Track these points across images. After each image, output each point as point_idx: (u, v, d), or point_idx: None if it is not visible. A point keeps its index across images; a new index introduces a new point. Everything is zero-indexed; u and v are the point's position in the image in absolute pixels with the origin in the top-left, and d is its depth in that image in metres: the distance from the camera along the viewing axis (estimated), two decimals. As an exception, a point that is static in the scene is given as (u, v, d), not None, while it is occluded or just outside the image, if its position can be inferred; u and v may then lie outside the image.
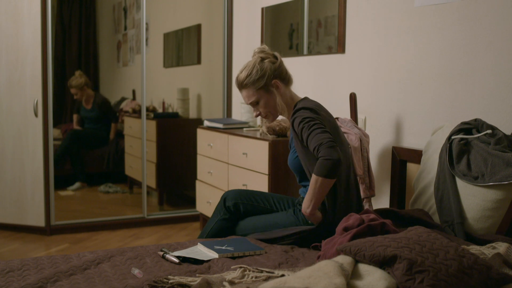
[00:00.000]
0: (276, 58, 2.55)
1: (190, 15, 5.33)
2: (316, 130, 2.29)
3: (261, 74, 2.49)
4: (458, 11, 2.71)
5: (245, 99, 2.58)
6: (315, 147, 2.26)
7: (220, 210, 2.66)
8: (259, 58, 2.53)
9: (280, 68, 2.54)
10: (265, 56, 2.53)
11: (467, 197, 2.31)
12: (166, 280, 1.83)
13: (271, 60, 2.53)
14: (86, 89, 5.45)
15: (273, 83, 2.50)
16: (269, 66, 2.50)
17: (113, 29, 5.89)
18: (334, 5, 3.56)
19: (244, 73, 2.52)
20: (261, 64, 2.50)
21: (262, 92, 2.51)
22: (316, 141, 2.26)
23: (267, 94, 2.52)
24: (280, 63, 2.54)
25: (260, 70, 2.49)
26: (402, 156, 2.96)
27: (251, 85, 2.51)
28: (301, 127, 2.35)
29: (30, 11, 4.20)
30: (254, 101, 2.55)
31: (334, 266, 1.61)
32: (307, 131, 2.32)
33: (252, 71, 2.50)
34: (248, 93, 2.54)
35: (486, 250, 1.96)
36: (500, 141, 2.29)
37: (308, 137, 2.31)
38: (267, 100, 2.52)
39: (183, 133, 5.15)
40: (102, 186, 5.48)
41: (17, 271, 1.98)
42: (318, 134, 2.28)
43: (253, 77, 2.49)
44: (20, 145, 4.31)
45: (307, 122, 2.34)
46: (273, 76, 2.50)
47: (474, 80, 2.65)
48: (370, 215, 2.08)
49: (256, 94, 2.52)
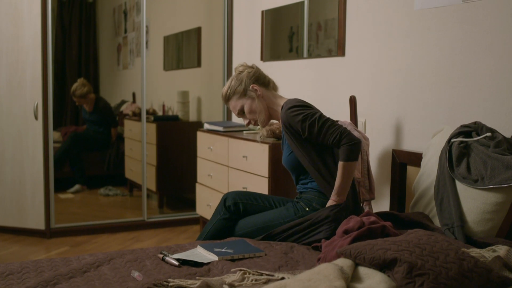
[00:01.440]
0: (252, 67, 2.75)
1: (190, 18, 5.34)
2: (327, 123, 2.48)
3: (239, 83, 2.70)
4: (458, 14, 2.71)
5: (233, 111, 2.77)
6: (335, 137, 2.45)
7: (220, 210, 2.70)
8: (238, 72, 2.75)
9: (257, 74, 2.72)
10: (243, 69, 2.74)
11: (467, 200, 2.31)
12: (166, 283, 1.83)
13: (248, 70, 2.73)
14: (89, 96, 5.45)
15: (252, 88, 2.68)
16: (245, 74, 2.71)
17: (113, 32, 5.90)
18: (334, 8, 3.56)
19: (225, 87, 2.74)
20: (239, 75, 2.72)
21: (243, 98, 2.70)
22: (333, 132, 2.46)
23: (248, 100, 2.69)
24: (256, 70, 2.74)
25: (238, 80, 2.70)
26: (402, 159, 2.96)
27: (233, 95, 2.71)
28: (308, 123, 2.48)
29: (31, 14, 4.21)
30: (240, 110, 2.72)
31: (334, 269, 1.61)
32: (317, 125, 2.47)
33: (232, 83, 2.72)
34: (232, 103, 2.73)
35: (486, 253, 1.96)
36: (500, 144, 2.29)
37: (321, 131, 2.47)
38: (250, 105, 2.69)
39: (183, 136, 5.15)
40: (102, 189, 5.47)
41: (17, 274, 1.98)
42: (331, 126, 2.48)
43: (232, 87, 2.71)
44: (20, 148, 4.31)
45: (312, 117, 2.49)
46: (250, 81, 2.69)
47: (473, 83, 2.65)
48: (370, 217, 2.08)
49: (239, 102, 2.71)
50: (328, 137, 2.47)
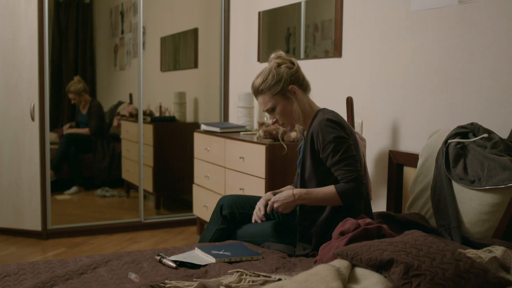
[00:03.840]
0: (293, 63, 2.47)
1: (187, 19, 5.34)
2: (350, 159, 2.32)
3: (278, 79, 2.39)
4: (455, 15, 2.72)
5: (261, 105, 2.48)
6: (345, 176, 2.30)
7: (217, 219, 2.65)
8: (275, 64, 2.44)
9: (298, 73, 2.45)
10: (282, 62, 2.45)
11: (464, 201, 2.31)
12: (163, 284, 1.83)
13: (288, 66, 2.44)
14: (84, 94, 5.46)
15: (290, 89, 2.41)
16: (285, 71, 2.41)
17: (110, 33, 5.89)
18: (330, 9, 3.56)
19: (260, 79, 2.43)
20: (278, 69, 2.41)
21: (279, 98, 2.41)
22: (348, 170, 2.30)
23: (284, 100, 2.42)
24: (297, 68, 2.46)
25: (277, 75, 2.40)
26: (399, 160, 2.96)
27: (267, 90, 2.41)
28: (332, 147, 2.31)
29: (27, 15, 4.20)
30: (270, 108, 2.44)
31: (331, 270, 1.61)
32: (339, 155, 2.31)
33: (268, 77, 2.41)
34: (264, 99, 2.44)
35: (483, 254, 1.97)
36: (497, 145, 2.30)
37: (338, 162, 2.31)
38: (284, 106, 2.42)
39: (180, 137, 5.14)
40: (99, 190, 5.46)
41: (13, 276, 1.98)
42: (351, 164, 2.31)
43: (269, 82, 2.40)
44: (17, 149, 4.31)
45: (340, 144, 2.32)
46: (290, 82, 2.41)
47: (470, 84, 2.66)
48: (366, 219, 2.08)
49: (272, 100, 2.42)
50: (340, 171, 2.31)
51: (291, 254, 2.36)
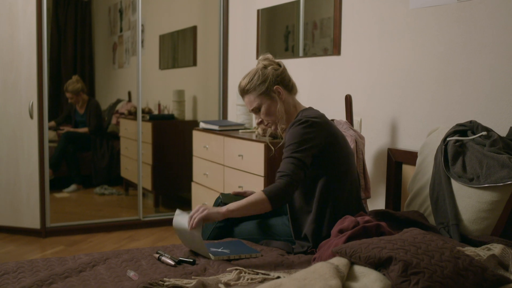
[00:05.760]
0: (279, 65, 2.52)
1: (186, 17, 5.33)
2: (300, 160, 2.29)
3: (263, 80, 2.44)
4: (454, 13, 2.72)
5: (247, 105, 2.52)
6: (285, 172, 2.27)
7: None
8: (262, 65, 2.49)
9: (283, 74, 2.49)
10: (269, 64, 2.49)
11: (463, 199, 2.31)
12: (161, 282, 1.83)
13: (274, 67, 2.48)
14: (82, 94, 5.46)
15: (275, 89, 2.45)
16: (271, 72, 2.46)
17: (109, 30, 5.89)
18: (329, 7, 3.56)
19: (246, 79, 2.49)
20: (264, 70, 2.47)
21: (264, 97, 2.46)
22: (284, 163, 2.29)
23: (269, 100, 2.46)
24: (283, 70, 2.50)
25: (262, 76, 2.45)
26: (398, 158, 2.97)
27: (253, 90, 2.46)
28: (290, 143, 2.33)
29: (25, 13, 4.20)
30: (256, 107, 2.49)
31: (330, 268, 1.61)
32: (290, 151, 2.31)
33: (254, 77, 2.46)
34: (250, 98, 2.49)
35: (481, 252, 1.97)
36: (495, 143, 2.30)
37: (286, 156, 2.31)
38: (269, 106, 2.46)
39: (179, 135, 5.14)
40: (97, 188, 5.47)
41: (12, 274, 1.97)
42: (296, 163, 2.28)
43: (254, 82, 2.45)
44: (15, 147, 4.30)
45: (299, 143, 2.31)
46: (275, 82, 2.45)
47: (469, 82, 2.66)
48: (364, 217, 2.08)
49: (257, 100, 2.47)
50: (280, 166, 2.31)
51: (290, 252, 2.36)
